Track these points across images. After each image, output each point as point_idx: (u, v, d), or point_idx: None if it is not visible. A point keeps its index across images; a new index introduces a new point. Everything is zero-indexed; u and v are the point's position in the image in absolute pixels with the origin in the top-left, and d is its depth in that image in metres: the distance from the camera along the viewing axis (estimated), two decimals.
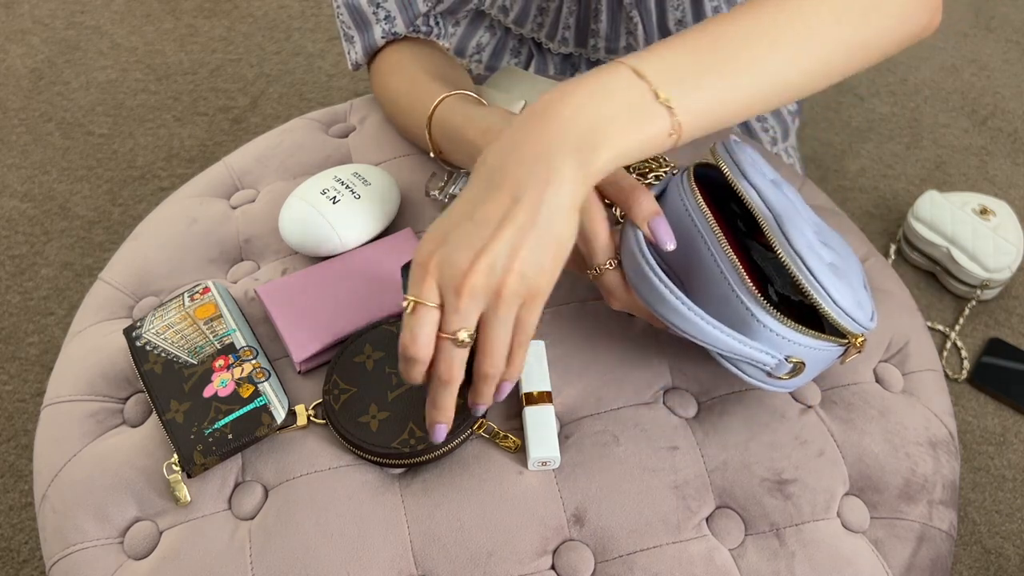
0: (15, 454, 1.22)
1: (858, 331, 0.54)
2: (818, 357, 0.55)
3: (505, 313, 0.48)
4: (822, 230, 0.58)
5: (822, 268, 0.53)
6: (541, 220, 0.47)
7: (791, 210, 0.56)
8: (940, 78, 1.73)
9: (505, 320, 0.48)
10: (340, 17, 0.74)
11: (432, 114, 0.68)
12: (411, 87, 0.73)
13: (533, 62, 0.98)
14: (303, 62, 1.77)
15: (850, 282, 0.54)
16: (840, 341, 0.54)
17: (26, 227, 1.49)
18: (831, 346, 0.54)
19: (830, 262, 0.54)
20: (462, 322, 0.48)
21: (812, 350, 0.54)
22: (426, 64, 0.74)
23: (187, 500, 0.57)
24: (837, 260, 0.55)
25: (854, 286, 0.54)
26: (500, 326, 0.48)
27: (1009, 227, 1.36)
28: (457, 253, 0.47)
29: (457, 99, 0.68)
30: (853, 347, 0.55)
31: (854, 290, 0.54)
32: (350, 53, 0.77)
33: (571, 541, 0.55)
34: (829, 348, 0.54)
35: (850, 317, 0.53)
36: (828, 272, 0.53)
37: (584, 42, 0.93)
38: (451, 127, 0.67)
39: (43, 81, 1.72)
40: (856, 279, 0.56)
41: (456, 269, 0.47)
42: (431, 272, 0.48)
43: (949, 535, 0.60)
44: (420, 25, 0.73)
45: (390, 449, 0.56)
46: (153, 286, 0.70)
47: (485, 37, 1.01)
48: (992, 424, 1.25)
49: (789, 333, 0.53)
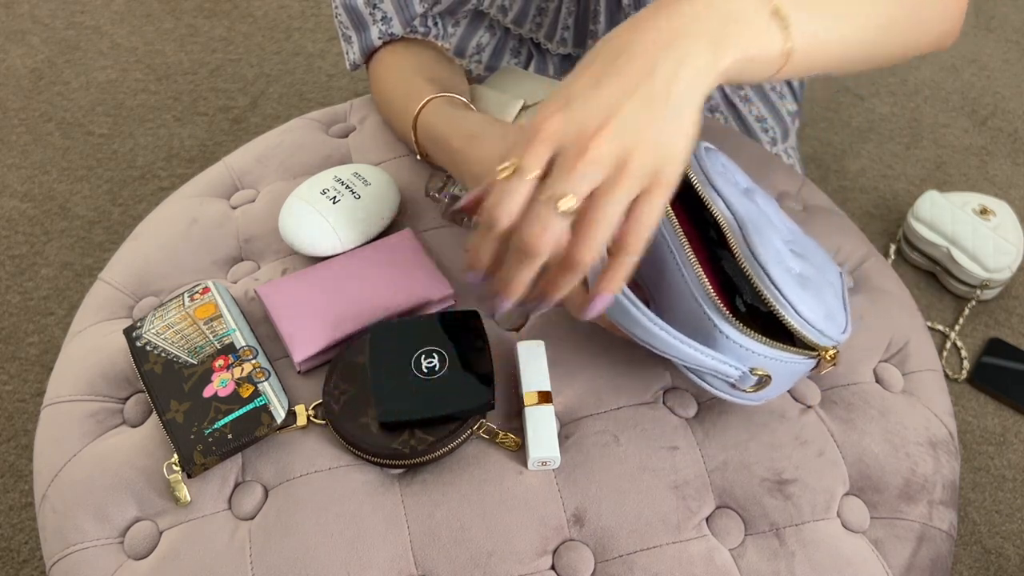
0: (15, 454, 1.22)
1: (826, 343, 0.53)
2: (785, 370, 0.54)
3: (624, 192, 0.42)
4: (798, 239, 0.57)
5: (787, 279, 0.52)
6: (674, 99, 0.42)
7: (760, 219, 0.55)
8: (940, 78, 1.73)
9: (620, 200, 0.42)
10: (338, 18, 0.74)
11: (417, 116, 0.68)
12: (403, 88, 0.73)
13: (533, 62, 0.98)
14: (303, 62, 1.77)
15: (820, 293, 0.53)
16: (809, 354, 0.53)
17: (26, 227, 1.49)
18: (799, 358, 0.53)
19: (799, 272, 0.53)
20: (573, 186, 0.41)
21: (777, 362, 0.53)
22: (420, 65, 0.74)
23: (187, 500, 0.57)
24: (808, 271, 0.54)
25: (825, 298, 0.53)
26: (613, 205, 0.42)
27: (1009, 227, 1.36)
28: (584, 112, 0.41)
29: (443, 102, 0.67)
30: (825, 360, 0.54)
31: (824, 302, 0.53)
32: (348, 54, 0.77)
33: (571, 541, 0.55)
34: (796, 361, 0.53)
35: (815, 329, 0.52)
36: (794, 283, 0.52)
37: (583, 42, 0.93)
38: (435, 130, 0.66)
39: (43, 81, 1.72)
40: (830, 290, 0.55)
41: (583, 128, 0.41)
42: (549, 135, 0.42)
43: (949, 535, 0.60)
44: (418, 26, 0.72)
45: (390, 449, 0.56)
46: (153, 286, 0.70)
47: (485, 37, 1.01)
48: (992, 424, 1.25)
49: (752, 345, 0.52)
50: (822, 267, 0.57)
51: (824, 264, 0.57)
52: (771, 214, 0.57)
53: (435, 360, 0.58)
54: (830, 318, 0.53)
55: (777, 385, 0.55)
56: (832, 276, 0.57)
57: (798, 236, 0.58)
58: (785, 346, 0.53)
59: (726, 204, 0.55)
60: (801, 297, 0.52)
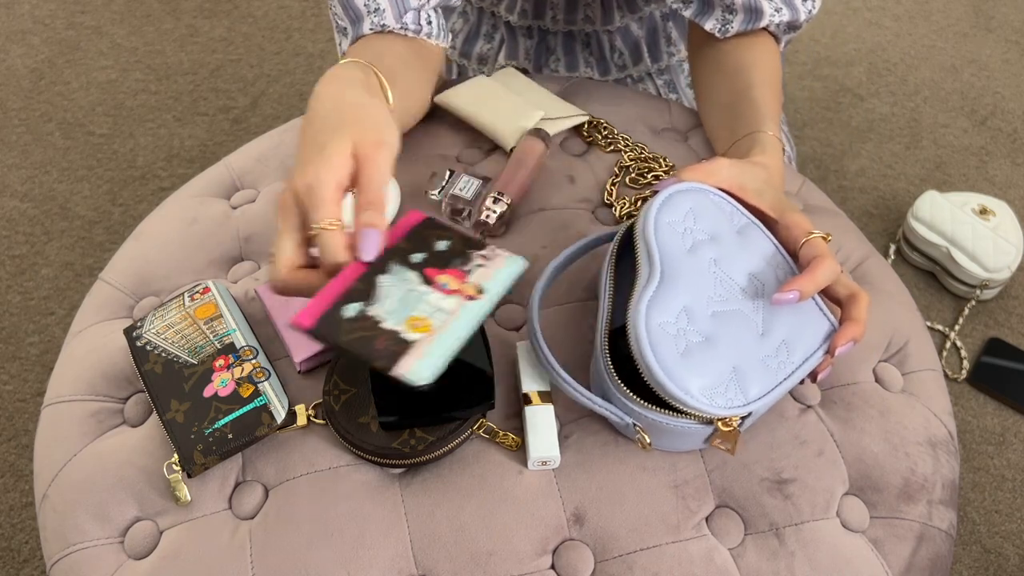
0: (15, 454, 1.22)
1: (708, 415, 0.52)
2: (667, 430, 0.54)
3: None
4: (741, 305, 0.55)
5: (667, 344, 0.52)
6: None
7: (686, 278, 0.54)
8: (940, 78, 1.73)
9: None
10: (333, 10, 0.74)
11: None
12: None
13: (504, 46, 0.99)
14: (303, 62, 1.77)
15: (718, 362, 0.52)
16: (695, 420, 0.53)
17: (26, 227, 1.49)
18: (681, 422, 0.53)
19: (700, 339, 0.53)
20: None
21: (655, 422, 0.53)
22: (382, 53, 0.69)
23: (187, 500, 0.57)
24: (723, 337, 0.53)
25: (719, 367, 0.52)
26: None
27: (1009, 227, 1.36)
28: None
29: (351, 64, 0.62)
30: (721, 429, 0.53)
31: (713, 372, 0.52)
32: (341, 44, 0.76)
33: (571, 540, 0.55)
34: (676, 424, 0.53)
35: (677, 399, 0.52)
36: (668, 349, 0.52)
37: (542, 14, 0.96)
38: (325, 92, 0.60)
39: (43, 81, 1.72)
40: (755, 365, 0.53)
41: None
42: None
43: (949, 535, 0.60)
44: (409, 22, 0.71)
45: (390, 449, 0.56)
46: (153, 286, 0.71)
47: (458, 23, 1.02)
48: (992, 424, 1.25)
49: (627, 400, 0.54)
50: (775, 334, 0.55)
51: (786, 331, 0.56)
52: (716, 270, 0.56)
53: None
54: (709, 390, 0.52)
55: (665, 442, 0.56)
56: (781, 345, 0.55)
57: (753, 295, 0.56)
58: (653, 407, 0.53)
59: (648, 259, 0.55)
60: (668, 365, 0.52)
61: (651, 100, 0.85)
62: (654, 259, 0.55)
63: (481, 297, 0.51)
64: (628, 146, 0.78)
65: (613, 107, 0.82)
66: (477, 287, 0.52)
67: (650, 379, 0.52)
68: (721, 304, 0.55)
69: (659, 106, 0.84)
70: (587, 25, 0.96)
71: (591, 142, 0.79)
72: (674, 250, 0.56)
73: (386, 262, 0.53)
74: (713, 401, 0.52)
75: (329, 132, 0.53)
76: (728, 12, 0.75)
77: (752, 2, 0.74)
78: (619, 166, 0.76)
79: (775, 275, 0.58)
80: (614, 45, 0.98)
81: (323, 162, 0.51)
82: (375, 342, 0.49)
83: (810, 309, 0.57)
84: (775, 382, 0.54)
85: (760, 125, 0.69)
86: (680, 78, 1.03)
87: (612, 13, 0.94)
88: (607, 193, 0.74)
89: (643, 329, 0.52)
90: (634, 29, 0.97)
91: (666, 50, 1.00)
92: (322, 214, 0.51)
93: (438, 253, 0.56)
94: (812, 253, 0.57)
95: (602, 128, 0.80)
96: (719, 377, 0.53)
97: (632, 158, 0.77)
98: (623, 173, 0.76)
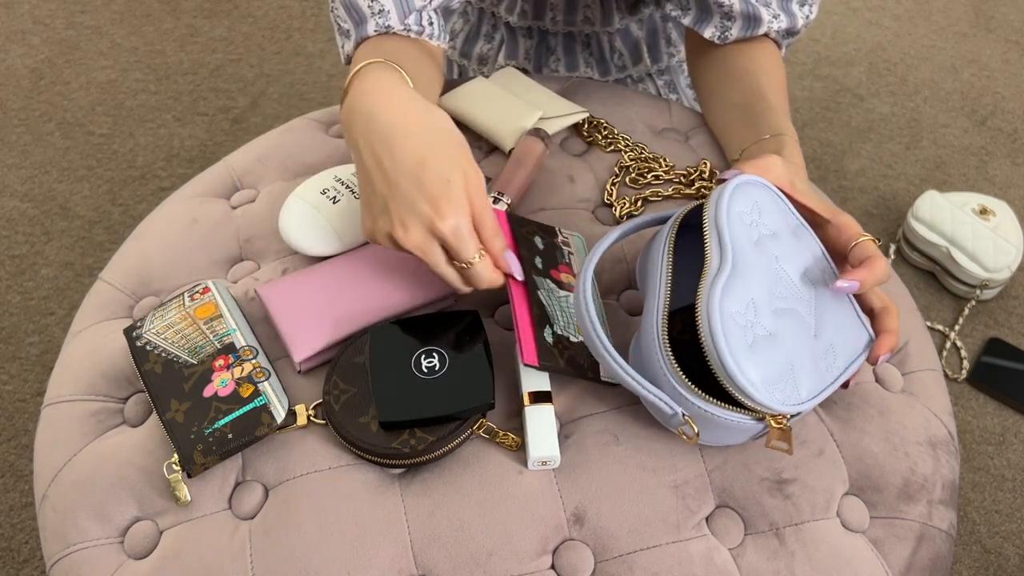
0: (15, 454, 1.22)
1: (761, 406, 0.52)
2: (717, 423, 0.53)
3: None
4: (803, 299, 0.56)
5: (732, 333, 0.51)
6: None
7: (751, 270, 0.54)
8: (940, 78, 1.73)
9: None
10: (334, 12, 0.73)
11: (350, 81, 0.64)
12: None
13: (504, 47, 0.99)
14: (303, 62, 1.77)
15: (774, 358, 0.52)
16: (750, 415, 0.53)
17: (26, 227, 1.49)
18: (735, 416, 0.53)
19: (766, 333, 0.52)
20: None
21: (708, 413, 0.53)
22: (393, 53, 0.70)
23: (187, 500, 0.57)
24: (785, 332, 0.53)
25: (777, 364, 0.52)
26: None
27: (1009, 227, 1.36)
28: None
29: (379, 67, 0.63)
30: (773, 427, 0.53)
31: (772, 368, 0.52)
32: (344, 46, 0.75)
33: (571, 540, 0.55)
34: (731, 418, 0.53)
35: (738, 387, 0.51)
36: (737, 340, 0.51)
37: (542, 15, 0.95)
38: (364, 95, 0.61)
39: (43, 81, 1.72)
40: (807, 361, 0.53)
41: None
42: None
43: (949, 535, 0.60)
44: (412, 24, 0.71)
45: (390, 449, 0.56)
46: (153, 286, 0.71)
47: (458, 24, 1.02)
48: (992, 424, 1.25)
49: (684, 389, 0.53)
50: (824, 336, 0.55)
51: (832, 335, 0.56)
52: (777, 267, 0.56)
53: (435, 360, 0.58)
54: (770, 384, 0.52)
55: (710, 436, 0.55)
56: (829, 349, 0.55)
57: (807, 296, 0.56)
58: (708, 398, 0.52)
59: (719, 246, 0.55)
60: (737, 355, 0.51)
61: (651, 100, 0.85)
62: (726, 247, 0.54)
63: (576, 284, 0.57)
64: (628, 146, 0.78)
65: (613, 107, 0.82)
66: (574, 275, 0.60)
67: (717, 367, 0.51)
68: (782, 301, 0.55)
69: (659, 106, 0.84)
70: (587, 26, 0.96)
71: (591, 142, 0.79)
72: (743, 241, 0.55)
73: (527, 276, 0.61)
74: (773, 396, 0.52)
75: (443, 162, 0.56)
76: (726, 19, 0.76)
77: (750, 9, 0.74)
78: (619, 166, 0.76)
79: (823, 279, 0.58)
80: (614, 46, 0.98)
81: (459, 205, 0.56)
82: (579, 359, 0.59)
83: (850, 317, 0.58)
84: (824, 384, 0.54)
85: (782, 128, 0.69)
86: (680, 78, 1.03)
87: (612, 14, 0.94)
88: (607, 193, 0.74)
89: (717, 316, 0.51)
90: (634, 30, 0.97)
91: (666, 51, 1.00)
92: (473, 248, 0.57)
93: (543, 252, 0.64)
94: (866, 253, 0.58)
95: (602, 128, 0.80)
96: (780, 373, 0.52)
97: (632, 158, 0.77)
98: (623, 173, 0.76)
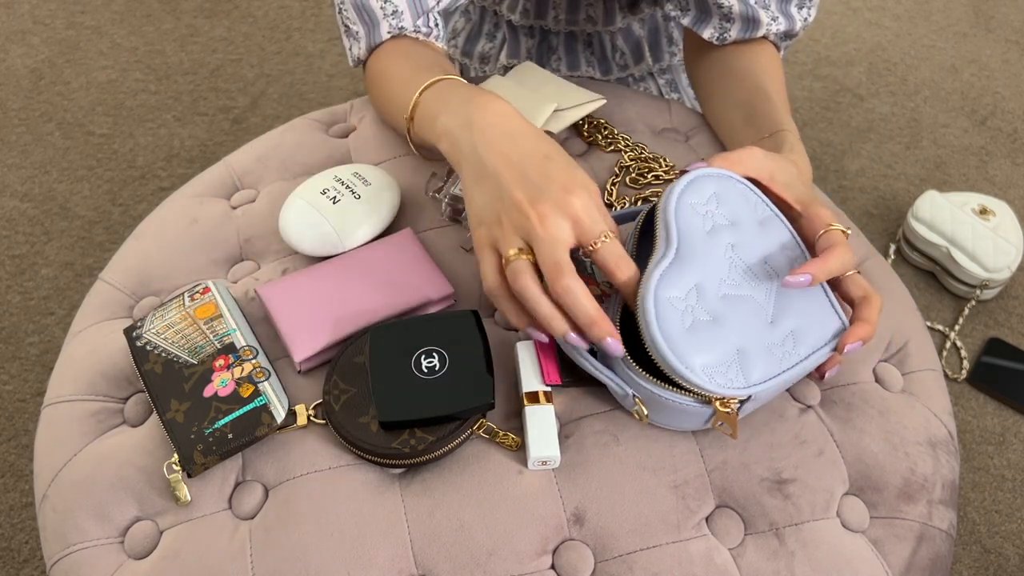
0: (15, 454, 1.22)
1: (708, 392, 0.52)
2: (665, 405, 0.54)
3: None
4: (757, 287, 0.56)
5: (673, 318, 0.52)
6: None
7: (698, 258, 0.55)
8: (940, 78, 1.73)
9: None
10: (343, 13, 0.73)
11: (417, 99, 0.65)
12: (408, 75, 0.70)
13: (506, 46, 0.99)
14: (303, 62, 1.77)
15: (722, 342, 0.53)
16: (693, 397, 0.54)
17: (26, 227, 1.49)
18: (679, 398, 0.54)
19: (713, 318, 0.53)
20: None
21: (654, 395, 0.54)
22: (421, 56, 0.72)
23: (187, 500, 0.57)
24: (730, 318, 0.54)
25: (722, 347, 0.53)
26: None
27: (1009, 227, 1.36)
28: None
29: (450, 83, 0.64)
30: (719, 410, 0.53)
31: (717, 351, 0.53)
32: (352, 49, 0.76)
33: (571, 540, 0.55)
34: (674, 399, 0.54)
35: (675, 372, 0.52)
36: (674, 324, 0.52)
37: (544, 13, 0.96)
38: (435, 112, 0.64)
39: (43, 81, 1.72)
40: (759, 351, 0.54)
41: None
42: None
43: (949, 535, 0.60)
44: (421, 25, 0.72)
45: (390, 449, 0.56)
46: (153, 286, 0.71)
47: (460, 22, 1.02)
48: (992, 424, 1.25)
49: (633, 374, 0.54)
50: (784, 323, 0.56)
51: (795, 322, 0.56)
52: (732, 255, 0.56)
53: (435, 360, 0.59)
54: (710, 368, 0.52)
55: (665, 417, 0.56)
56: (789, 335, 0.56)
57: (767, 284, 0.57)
58: (655, 380, 0.54)
59: (665, 235, 0.56)
60: (671, 338, 0.52)
61: (652, 100, 0.85)
62: (671, 236, 0.56)
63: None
64: (628, 146, 0.78)
65: (613, 107, 0.82)
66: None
67: (653, 350, 0.52)
68: (733, 288, 0.56)
69: (660, 106, 0.84)
70: (589, 25, 0.96)
71: (591, 142, 0.79)
72: (693, 230, 0.56)
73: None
74: (713, 379, 0.52)
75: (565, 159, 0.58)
76: (725, 21, 0.76)
77: (749, 11, 0.74)
78: (619, 166, 0.76)
79: (791, 267, 0.58)
80: (616, 45, 0.98)
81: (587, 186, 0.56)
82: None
83: (823, 305, 0.58)
84: (779, 370, 0.55)
85: (783, 124, 0.70)
86: (682, 78, 1.03)
87: (614, 13, 0.94)
88: (607, 193, 0.74)
89: (651, 301, 0.53)
90: (636, 29, 0.98)
91: (668, 50, 1.00)
92: (603, 226, 0.55)
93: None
94: (828, 243, 0.58)
95: (602, 128, 0.80)
96: (722, 357, 0.53)
97: (632, 158, 0.77)
98: (623, 173, 0.76)
